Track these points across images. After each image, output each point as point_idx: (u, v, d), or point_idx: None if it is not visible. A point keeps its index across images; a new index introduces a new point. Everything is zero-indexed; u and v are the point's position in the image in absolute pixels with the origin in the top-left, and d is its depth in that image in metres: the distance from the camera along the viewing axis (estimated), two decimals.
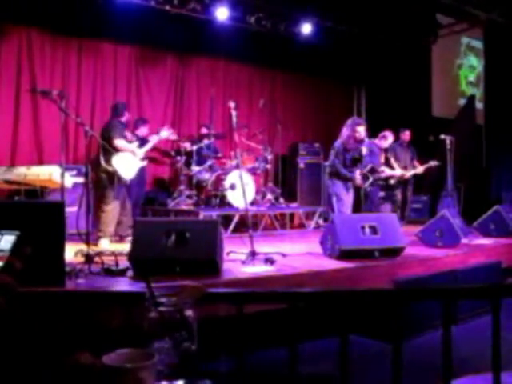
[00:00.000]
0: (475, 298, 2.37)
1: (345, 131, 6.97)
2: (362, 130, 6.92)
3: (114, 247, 5.77)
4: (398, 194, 9.01)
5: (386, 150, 8.55)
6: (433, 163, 8.83)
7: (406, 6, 9.49)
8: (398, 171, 8.29)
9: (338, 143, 6.95)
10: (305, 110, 11.09)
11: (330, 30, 9.99)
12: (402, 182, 8.96)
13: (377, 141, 8.36)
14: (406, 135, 9.12)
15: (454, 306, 4.47)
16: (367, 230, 5.34)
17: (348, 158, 6.90)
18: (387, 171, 8.27)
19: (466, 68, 12.41)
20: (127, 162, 6.48)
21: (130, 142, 6.78)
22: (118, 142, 6.43)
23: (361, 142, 6.95)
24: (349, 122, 7.04)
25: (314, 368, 3.70)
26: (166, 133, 7.26)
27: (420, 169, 8.95)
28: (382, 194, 9.69)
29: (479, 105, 12.11)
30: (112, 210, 6.43)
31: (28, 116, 7.92)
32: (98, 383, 0.97)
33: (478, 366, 3.52)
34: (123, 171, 6.39)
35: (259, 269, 4.58)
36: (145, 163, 6.93)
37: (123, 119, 6.79)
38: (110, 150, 6.27)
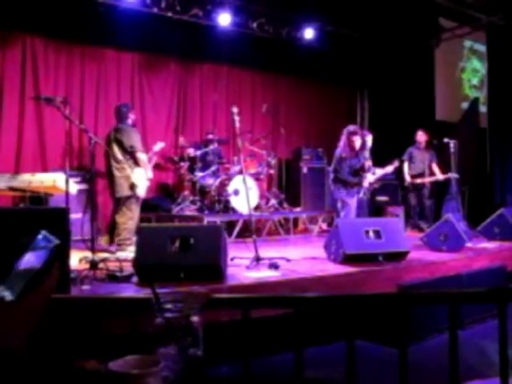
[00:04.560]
0: (482, 302, 2.36)
1: (341, 140, 6.95)
2: (356, 140, 6.84)
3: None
4: (412, 198, 8.93)
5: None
6: (452, 175, 8.60)
7: (409, 9, 9.50)
8: (389, 168, 7.94)
9: (337, 152, 6.95)
10: (308, 114, 11.09)
11: (332, 34, 10.01)
12: (418, 186, 8.86)
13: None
14: (419, 136, 8.98)
15: (459, 310, 4.45)
16: (371, 234, 5.35)
17: (346, 167, 6.84)
18: (378, 172, 7.94)
19: (469, 71, 12.40)
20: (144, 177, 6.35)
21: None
22: (141, 156, 6.26)
23: (358, 151, 6.90)
24: (344, 130, 6.99)
25: (320, 373, 3.69)
26: (160, 145, 7.27)
27: (440, 177, 8.83)
28: (385, 198, 9.67)
29: (483, 108, 12.09)
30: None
31: (32, 123, 7.93)
32: None
33: (484, 370, 3.51)
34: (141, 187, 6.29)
35: (263, 274, 4.58)
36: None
37: (130, 122, 6.48)
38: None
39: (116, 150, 6.22)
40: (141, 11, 8.17)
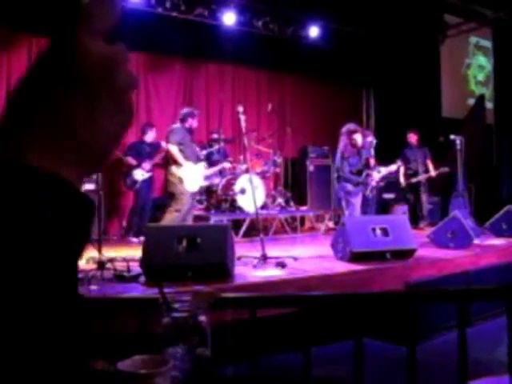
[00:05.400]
0: (490, 299, 2.35)
1: (341, 140, 6.92)
2: (357, 137, 6.82)
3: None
4: (411, 196, 8.96)
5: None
6: (443, 170, 8.71)
7: (414, 6, 9.48)
8: (392, 166, 8.00)
9: (338, 152, 6.95)
10: (313, 112, 11.07)
11: (337, 32, 9.99)
12: (414, 184, 8.90)
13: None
14: (411, 137, 9.02)
15: (468, 307, 4.44)
16: (378, 231, 5.33)
17: (347, 165, 6.82)
18: (382, 170, 7.95)
19: (475, 67, 12.35)
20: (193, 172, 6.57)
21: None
22: (171, 148, 6.56)
23: (360, 148, 6.87)
24: (343, 129, 6.96)
25: (328, 372, 3.68)
26: None
27: (432, 173, 8.87)
28: (392, 195, 9.66)
29: (489, 104, 12.04)
30: None
31: None
32: None
33: (493, 367, 3.50)
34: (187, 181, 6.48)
35: (271, 273, 4.58)
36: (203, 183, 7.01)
37: (187, 125, 6.84)
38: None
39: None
40: (146, 11, 8.18)
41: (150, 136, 7.97)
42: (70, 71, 0.44)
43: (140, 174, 7.67)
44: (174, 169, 6.47)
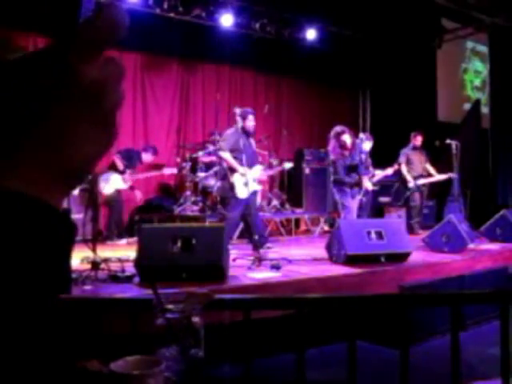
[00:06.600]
0: (484, 303, 2.36)
1: (330, 144, 6.91)
2: (346, 138, 6.80)
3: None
4: (417, 199, 8.88)
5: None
6: (452, 175, 8.64)
7: (411, 10, 9.50)
8: (388, 170, 8.00)
9: (330, 156, 6.96)
10: (310, 115, 11.09)
11: (334, 35, 10.01)
12: (420, 188, 8.84)
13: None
14: (417, 140, 8.91)
15: (461, 311, 4.45)
16: (373, 235, 5.34)
17: (341, 167, 6.81)
18: (378, 173, 7.95)
19: (471, 72, 12.39)
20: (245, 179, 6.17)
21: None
22: (224, 155, 6.20)
23: (351, 150, 6.84)
24: (331, 133, 6.94)
25: (322, 374, 3.69)
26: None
27: (441, 177, 8.79)
28: (388, 199, 9.67)
29: (485, 109, 12.08)
30: None
31: None
32: None
33: (486, 371, 3.51)
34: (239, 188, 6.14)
35: (265, 275, 4.58)
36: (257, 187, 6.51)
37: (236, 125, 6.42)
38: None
39: None
40: (143, 12, 8.17)
41: (147, 157, 7.97)
42: (58, 95, 0.43)
43: (118, 182, 7.46)
44: (228, 173, 6.13)
